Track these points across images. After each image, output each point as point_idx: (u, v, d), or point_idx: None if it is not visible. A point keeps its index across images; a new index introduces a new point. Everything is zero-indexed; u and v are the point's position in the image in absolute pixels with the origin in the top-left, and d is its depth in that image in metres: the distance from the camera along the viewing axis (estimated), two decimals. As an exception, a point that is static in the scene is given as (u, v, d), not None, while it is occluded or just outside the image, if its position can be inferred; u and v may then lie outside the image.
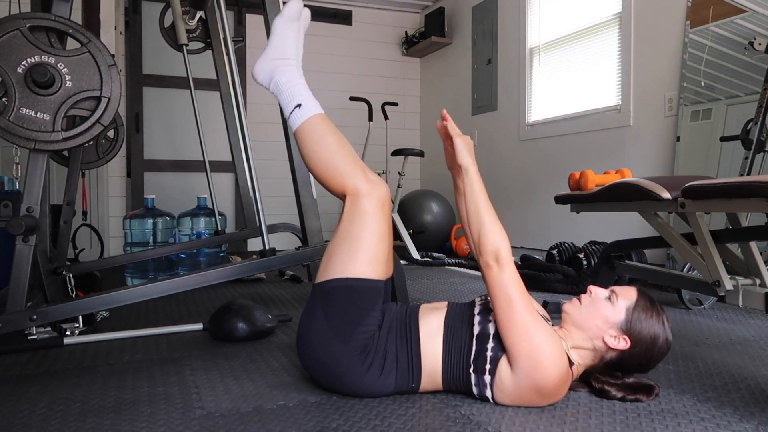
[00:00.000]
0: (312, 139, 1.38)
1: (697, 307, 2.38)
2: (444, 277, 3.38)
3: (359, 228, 1.31)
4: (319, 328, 1.30)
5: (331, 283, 1.31)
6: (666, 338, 1.29)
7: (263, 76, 1.46)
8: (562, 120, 3.77)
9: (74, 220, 2.71)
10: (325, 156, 1.37)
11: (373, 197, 1.33)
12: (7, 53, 1.44)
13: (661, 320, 1.30)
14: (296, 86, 1.42)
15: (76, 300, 1.79)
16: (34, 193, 1.57)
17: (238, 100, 2.04)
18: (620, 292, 1.32)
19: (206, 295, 2.74)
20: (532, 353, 1.20)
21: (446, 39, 5.06)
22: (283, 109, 1.42)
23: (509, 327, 1.22)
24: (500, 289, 1.24)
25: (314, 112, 1.39)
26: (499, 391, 1.26)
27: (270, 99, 2.13)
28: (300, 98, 1.40)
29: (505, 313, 1.22)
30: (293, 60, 1.46)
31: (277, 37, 1.46)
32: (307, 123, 1.38)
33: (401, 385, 1.32)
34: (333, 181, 1.37)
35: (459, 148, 1.34)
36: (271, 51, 1.46)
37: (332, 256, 1.33)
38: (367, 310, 1.30)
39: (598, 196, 2.07)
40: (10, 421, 1.22)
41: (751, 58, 2.65)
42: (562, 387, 1.25)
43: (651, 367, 1.32)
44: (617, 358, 1.30)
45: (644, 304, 1.30)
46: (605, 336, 1.28)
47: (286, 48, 1.46)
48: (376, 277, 1.31)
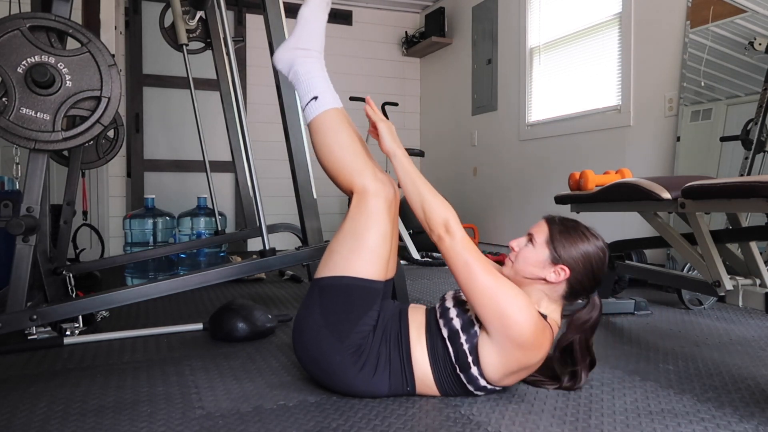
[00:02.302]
0: (324, 133, 1.38)
1: (697, 307, 2.38)
2: (444, 277, 3.38)
3: (363, 227, 1.31)
4: (315, 324, 1.30)
5: (330, 279, 1.31)
6: (595, 247, 1.29)
7: (283, 64, 1.47)
8: (562, 120, 3.77)
9: (74, 220, 2.71)
10: (336, 150, 1.37)
11: (381, 197, 1.33)
12: (7, 53, 1.44)
13: (580, 234, 1.29)
14: (315, 78, 1.42)
15: (76, 300, 1.79)
16: (34, 193, 1.57)
17: (238, 100, 2.04)
18: (534, 231, 1.32)
19: (206, 295, 2.74)
20: (500, 310, 1.20)
21: (446, 39, 5.06)
22: (300, 99, 1.43)
23: (473, 291, 1.22)
24: (457, 257, 1.24)
25: (330, 106, 1.39)
26: (489, 370, 1.25)
27: (270, 99, 2.13)
28: (317, 90, 1.40)
29: (466, 279, 1.23)
30: (315, 51, 1.46)
31: (302, 26, 1.46)
32: (321, 116, 1.38)
33: (396, 387, 1.31)
34: (342, 177, 1.37)
35: (382, 134, 1.35)
36: (293, 40, 1.46)
37: (333, 253, 1.33)
38: (363, 310, 1.30)
39: (598, 196, 2.07)
40: (10, 421, 1.22)
41: (751, 58, 2.65)
42: (541, 337, 1.24)
43: (601, 278, 1.31)
44: (568, 288, 1.29)
45: (558, 229, 1.30)
46: (546, 276, 1.28)
47: (310, 38, 1.46)
48: (375, 278, 1.31)
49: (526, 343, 1.22)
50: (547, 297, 1.31)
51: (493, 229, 4.51)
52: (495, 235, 4.48)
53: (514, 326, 1.20)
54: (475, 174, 4.74)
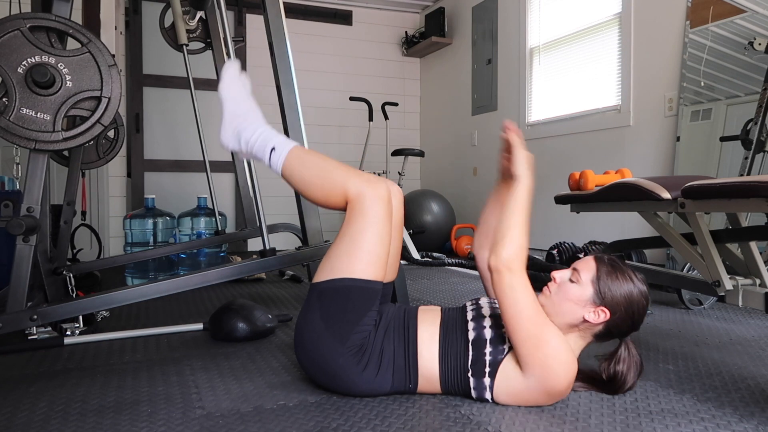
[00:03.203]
0: (299, 171, 1.38)
1: (697, 307, 2.38)
2: (444, 277, 3.38)
3: (359, 229, 1.31)
4: (315, 328, 1.30)
5: (328, 283, 1.31)
6: (640, 291, 1.28)
7: (231, 142, 1.46)
8: (562, 120, 3.77)
9: (73, 220, 2.72)
10: (316, 179, 1.37)
11: (373, 198, 1.32)
12: (7, 53, 1.44)
13: (627, 277, 1.28)
14: (263, 134, 1.42)
15: (76, 300, 1.79)
16: (35, 193, 1.57)
17: (238, 100, 2.04)
18: (580, 267, 1.31)
19: (206, 295, 2.74)
20: (546, 363, 1.20)
21: (446, 39, 5.06)
22: (262, 160, 1.41)
23: (517, 332, 1.21)
24: (510, 294, 1.22)
25: (289, 147, 1.39)
26: (500, 392, 1.26)
27: (270, 99, 2.14)
28: (272, 142, 1.40)
29: (512, 318, 1.22)
30: (250, 113, 1.47)
31: (227, 104, 1.48)
32: (287, 161, 1.38)
33: (398, 385, 1.32)
34: (334, 195, 1.36)
35: (519, 159, 1.33)
36: (228, 116, 1.47)
37: (331, 258, 1.34)
38: (363, 311, 1.30)
39: (598, 196, 2.07)
40: (11, 421, 1.22)
41: (750, 58, 2.65)
42: (569, 387, 1.26)
43: (639, 323, 1.30)
44: (604, 329, 1.28)
45: (606, 269, 1.28)
46: (585, 315, 1.26)
47: (240, 108, 1.47)
48: (374, 278, 1.31)
49: (554, 392, 1.24)
50: (579, 333, 1.30)
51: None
52: (495, 235, 4.47)
53: (554, 378, 1.21)
54: (475, 174, 4.75)
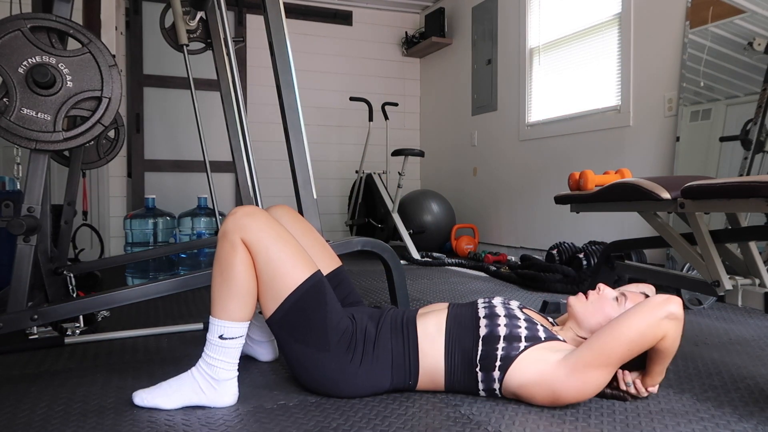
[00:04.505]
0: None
1: (697, 307, 2.39)
2: (444, 277, 3.39)
3: (260, 252, 1.28)
4: (298, 354, 1.30)
5: (279, 311, 1.29)
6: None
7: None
8: (562, 120, 3.77)
9: (74, 220, 2.72)
10: (224, 280, 1.29)
11: (238, 221, 1.28)
12: (8, 54, 1.45)
13: None
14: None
15: (77, 300, 1.79)
16: (35, 193, 1.58)
17: (238, 101, 2.05)
18: (630, 297, 1.32)
19: (206, 295, 2.73)
20: (587, 376, 1.22)
21: (446, 39, 5.06)
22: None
23: (608, 346, 1.20)
24: (637, 321, 1.20)
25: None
26: (511, 382, 1.26)
27: (270, 99, 2.14)
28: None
29: (618, 337, 1.19)
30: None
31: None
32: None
33: (398, 381, 1.33)
34: (230, 256, 1.28)
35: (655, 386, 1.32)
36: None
37: (264, 292, 1.30)
38: (322, 306, 1.29)
39: (598, 196, 2.07)
40: (11, 421, 1.22)
41: (750, 58, 2.65)
42: (566, 404, 1.28)
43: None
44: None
45: None
46: None
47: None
48: (308, 274, 1.30)
49: (557, 399, 1.25)
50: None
51: (493, 229, 4.51)
52: (495, 235, 4.48)
53: (572, 389, 1.23)
54: (475, 174, 4.75)
